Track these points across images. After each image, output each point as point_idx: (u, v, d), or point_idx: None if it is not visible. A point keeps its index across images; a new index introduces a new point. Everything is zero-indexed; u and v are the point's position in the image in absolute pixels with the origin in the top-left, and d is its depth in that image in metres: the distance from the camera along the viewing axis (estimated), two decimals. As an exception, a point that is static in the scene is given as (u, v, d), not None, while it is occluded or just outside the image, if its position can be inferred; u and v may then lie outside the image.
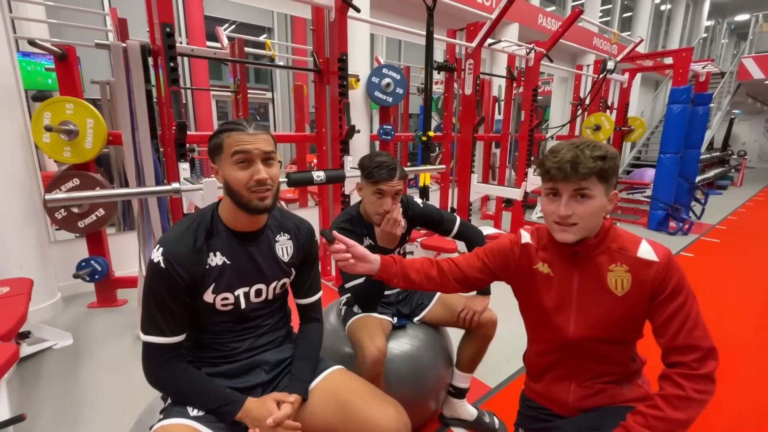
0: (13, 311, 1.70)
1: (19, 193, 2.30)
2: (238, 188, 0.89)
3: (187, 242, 0.89)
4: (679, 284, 0.82)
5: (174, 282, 0.87)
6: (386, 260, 0.99)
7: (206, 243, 0.92)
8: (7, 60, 2.23)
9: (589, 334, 0.89)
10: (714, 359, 0.78)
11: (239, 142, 0.88)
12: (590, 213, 0.82)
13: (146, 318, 0.88)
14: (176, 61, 1.95)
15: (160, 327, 0.88)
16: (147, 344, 0.89)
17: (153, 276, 0.87)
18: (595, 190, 0.81)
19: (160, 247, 0.88)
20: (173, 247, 0.88)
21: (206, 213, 0.96)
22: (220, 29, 4.48)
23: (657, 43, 11.68)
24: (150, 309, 0.87)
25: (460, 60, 3.65)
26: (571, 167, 0.80)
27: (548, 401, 1.02)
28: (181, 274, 0.87)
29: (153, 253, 0.88)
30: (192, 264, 0.89)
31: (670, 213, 4.91)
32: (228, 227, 0.95)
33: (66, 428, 1.59)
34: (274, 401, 0.91)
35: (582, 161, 0.79)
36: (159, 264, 0.86)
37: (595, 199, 0.82)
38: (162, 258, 0.86)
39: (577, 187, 0.81)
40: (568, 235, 0.84)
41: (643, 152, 8.75)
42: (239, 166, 0.89)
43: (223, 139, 0.89)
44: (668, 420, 0.74)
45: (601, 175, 0.81)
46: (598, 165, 0.79)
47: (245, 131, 0.89)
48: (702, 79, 5.34)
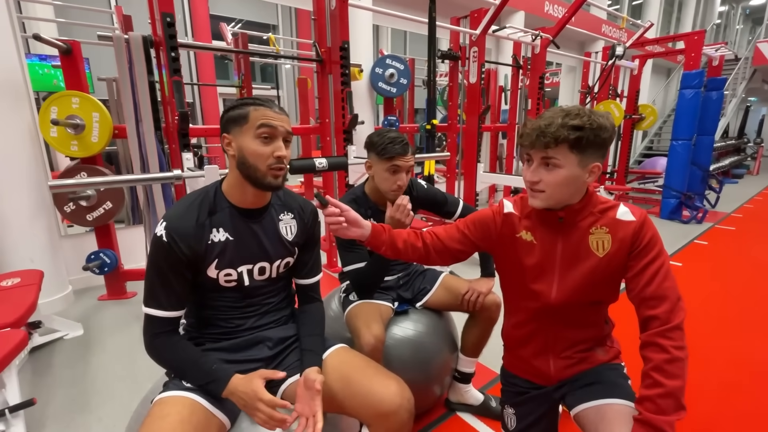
0: (23, 300, 1.73)
1: (29, 187, 2.33)
2: (255, 161, 0.89)
3: (190, 217, 0.90)
4: (653, 239, 0.85)
5: (176, 256, 0.87)
6: (376, 228, 0.99)
7: (209, 219, 0.92)
8: (14, 58, 2.26)
9: (570, 297, 0.91)
10: (682, 309, 0.81)
11: (267, 116, 0.88)
12: (557, 182, 0.83)
13: (147, 290, 0.89)
14: (177, 51, 1.96)
15: (159, 300, 0.89)
16: (147, 315, 0.90)
17: (156, 250, 0.88)
18: (563, 159, 0.81)
19: (164, 222, 0.88)
20: (176, 222, 0.88)
21: (210, 189, 0.96)
22: (224, 25, 4.51)
23: (668, 30, 11.41)
24: (151, 282, 0.89)
25: (464, 48, 3.61)
26: (537, 134, 0.81)
27: (530, 374, 1.03)
28: (183, 249, 0.87)
29: (157, 228, 0.89)
30: (194, 239, 0.89)
31: (683, 201, 4.80)
32: (231, 204, 0.95)
33: (76, 413, 1.61)
34: (261, 378, 0.88)
35: (550, 130, 0.79)
36: (162, 238, 0.87)
37: (562, 169, 0.82)
38: (165, 232, 0.87)
39: (544, 155, 0.82)
40: (536, 201, 0.87)
41: (655, 141, 8.57)
42: (263, 140, 0.89)
43: (250, 111, 0.89)
44: (672, 393, 0.75)
45: (574, 145, 0.79)
46: (566, 134, 0.78)
47: (272, 108, 0.90)
48: (715, 63, 5.19)
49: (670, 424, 0.73)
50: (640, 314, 0.83)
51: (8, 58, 2.22)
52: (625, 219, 0.86)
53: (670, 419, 0.73)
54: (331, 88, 2.76)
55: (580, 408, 0.91)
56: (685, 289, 2.81)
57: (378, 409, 0.90)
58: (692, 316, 2.39)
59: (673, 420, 0.73)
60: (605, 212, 0.88)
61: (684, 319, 0.79)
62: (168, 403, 0.84)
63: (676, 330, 0.78)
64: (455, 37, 3.91)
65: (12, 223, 2.29)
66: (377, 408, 0.90)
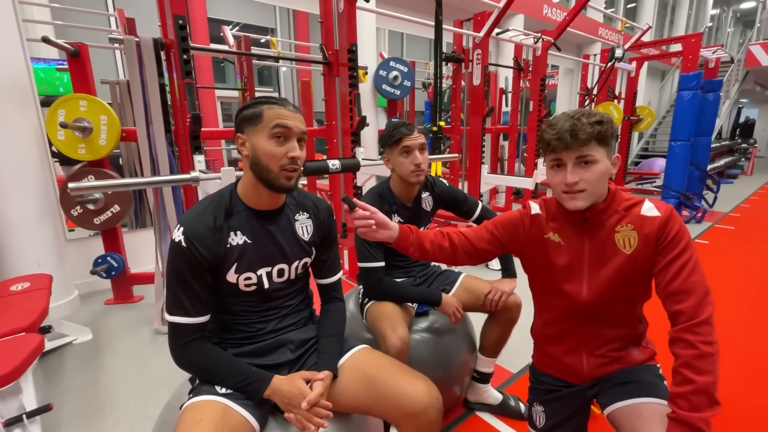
0: (36, 304, 1.71)
1: (35, 190, 2.31)
2: (268, 162, 0.87)
3: (207, 221, 0.88)
4: (679, 233, 0.84)
5: (195, 261, 0.86)
6: (404, 229, 1.00)
7: (226, 222, 0.91)
8: (21, 61, 2.25)
9: (602, 296, 0.91)
10: (710, 303, 0.80)
11: (281, 116, 0.87)
12: (596, 177, 0.85)
13: (170, 298, 0.88)
14: (189, 53, 1.95)
15: (184, 307, 0.87)
16: (172, 324, 0.88)
17: (175, 255, 0.86)
18: (597, 154, 0.84)
19: (181, 227, 0.87)
20: (193, 227, 0.86)
21: (225, 193, 0.94)
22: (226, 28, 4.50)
23: (662, 33, 11.57)
24: (173, 289, 0.87)
25: (467, 51, 3.63)
26: (571, 135, 0.83)
27: (561, 372, 1.03)
28: (203, 253, 0.86)
29: (174, 233, 0.87)
30: (212, 243, 0.88)
31: (682, 201, 4.85)
32: (247, 206, 0.93)
33: (90, 418, 1.59)
34: (302, 379, 0.89)
35: (580, 128, 0.82)
36: (180, 243, 0.85)
37: (599, 164, 0.85)
38: (183, 237, 0.85)
39: (580, 155, 0.84)
40: (579, 202, 0.86)
41: (651, 143, 8.67)
42: (276, 140, 0.87)
43: (264, 110, 0.87)
44: (703, 389, 0.74)
45: (601, 139, 0.84)
46: (596, 129, 0.82)
47: (286, 107, 0.89)
48: (711, 65, 5.27)
49: (705, 420, 0.72)
50: (668, 309, 0.83)
51: (15, 61, 2.21)
52: (650, 215, 0.86)
53: (704, 416, 0.73)
54: (338, 91, 2.76)
55: (615, 407, 0.91)
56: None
57: (407, 409, 0.90)
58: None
59: (707, 416, 0.73)
60: (630, 209, 0.89)
61: (712, 314, 0.78)
62: (200, 408, 0.83)
63: (705, 325, 0.77)
64: (458, 40, 3.94)
65: (19, 227, 2.27)
66: (406, 408, 0.90)
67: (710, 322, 0.78)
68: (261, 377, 0.88)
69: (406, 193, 1.42)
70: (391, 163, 1.39)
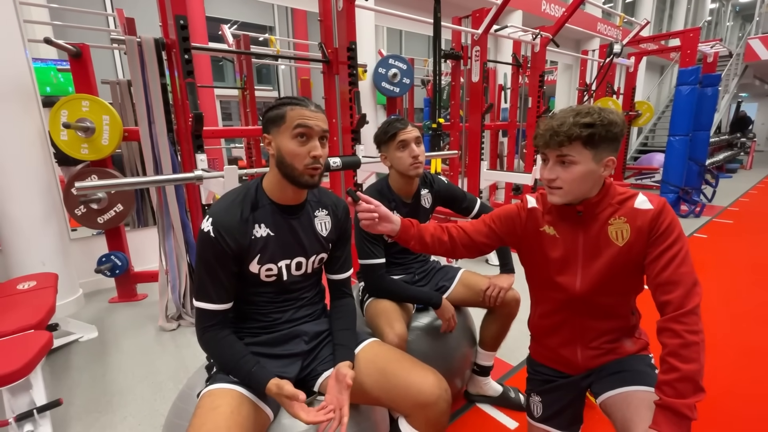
0: (43, 302, 1.74)
1: (39, 190, 2.33)
2: (292, 161, 0.92)
3: (234, 213, 0.93)
4: (671, 226, 0.86)
5: (222, 250, 0.90)
6: (405, 223, 1.03)
7: (252, 215, 0.95)
8: (23, 62, 2.26)
9: (595, 287, 0.93)
10: (698, 294, 0.81)
11: (303, 116, 0.91)
12: (573, 178, 0.86)
13: (197, 284, 0.93)
14: (191, 53, 1.97)
15: (209, 294, 0.92)
16: (198, 309, 0.94)
17: (203, 245, 0.91)
18: (578, 156, 0.85)
19: (210, 218, 0.92)
20: (222, 217, 0.91)
21: (251, 186, 0.99)
22: (225, 27, 4.51)
23: (661, 28, 11.55)
24: (200, 276, 0.92)
25: (466, 48, 3.65)
26: (550, 135, 0.85)
27: (557, 363, 1.06)
28: (229, 243, 0.91)
29: (203, 224, 0.92)
30: (239, 234, 0.92)
31: (681, 196, 4.88)
32: (272, 200, 0.98)
33: (99, 413, 1.63)
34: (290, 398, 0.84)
35: (563, 129, 0.83)
36: (209, 233, 0.90)
37: (578, 165, 0.85)
38: (212, 228, 0.90)
39: (559, 153, 0.86)
40: (555, 198, 0.90)
41: (650, 138, 8.69)
42: (299, 140, 0.91)
43: (286, 111, 0.92)
44: (688, 377, 0.76)
45: (587, 142, 0.84)
46: (579, 132, 0.82)
47: (308, 107, 0.93)
48: (710, 59, 5.29)
49: (689, 406, 0.75)
50: (656, 300, 0.85)
51: (17, 62, 2.23)
52: (643, 207, 0.88)
53: (689, 402, 0.75)
54: (337, 89, 2.78)
55: (607, 396, 0.94)
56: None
57: (417, 400, 0.92)
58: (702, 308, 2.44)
59: (692, 402, 0.75)
60: (624, 202, 0.90)
61: (699, 304, 0.80)
62: (217, 395, 0.87)
63: (691, 314, 0.79)
64: (457, 37, 3.95)
65: (24, 227, 2.29)
66: (416, 399, 0.92)
67: (696, 312, 0.80)
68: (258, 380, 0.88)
69: (405, 189, 1.44)
70: (388, 160, 1.41)
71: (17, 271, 2.28)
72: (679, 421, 0.75)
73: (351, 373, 0.93)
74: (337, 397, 0.91)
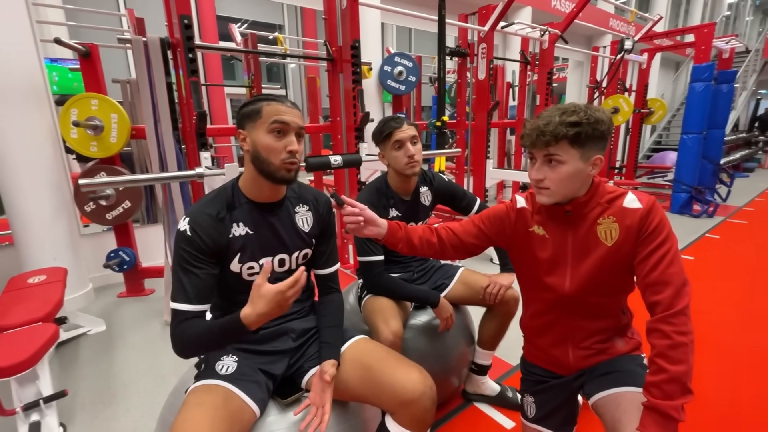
0: (51, 296, 1.79)
1: (50, 187, 2.40)
2: (269, 156, 0.91)
3: (211, 213, 0.93)
4: (660, 225, 0.85)
5: (199, 249, 0.90)
6: (392, 225, 1.02)
7: (229, 214, 0.95)
8: (35, 62, 2.32)
9: (584, 287, 0.92)
10: (687, 295, 0.80)
11: (279, 112, 0.91)
12: (560, 178, 0.85)
13: (175, 285, 0.91)
14: (195, 52, 2.00)
15: (186, 294, 0.89)
16: (173, 311, 0.90)
17: (180, 244, 0.91)
18: (565, 155, 0.84)
19: (186, 218, 0.92)
20: (198, 217, 0.91)
21: (227, 187, 0.99)
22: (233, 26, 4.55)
23: (677, 24, 11.27)
24: (178, 276, 0.91)
25: (472, 45, 3.62)
26: (537, 134, 0.83)
27: (549, 363, 1.05)
28: (206, 242, 0.90)
29: (180, 223, 0.92)
30: (216, 233, 0.92)
31: (693, 195, 4.77)
32: (249, 199, 0.98)
33: (103, 404, 1.67)
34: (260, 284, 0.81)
35: (549, 129, 0.82)
36: (186, 232, 0.90)
37: (566, 165, 0.84)
38: (188, 227, 0.90)
39: (546, 153, 0.84)
40: (543, 198, 0.89)
41: (664, 136, 8.50)
42: (275, 135, 0.91)
43: (262, 107, 0.92)
44: (676, 378, 0.75)
45: (574, 141, 0.82)
46: (565, 131, 0.81)
47: (284, 103, 0.93)
48: (726, 56, 5.15)
49: (676, 408, 0.74)
50: (645, 300, 0.84)
51: (30, 62, 2.28)
52: (632, 206, 0.87)
53: (675, 404, 0.74)
54: (342, 87, 2.79)
55: (598, 396, 0.93)
56: (696, 283, 2.81)
57: (402, 398, 0.92)
58: (705, 308, 2.39)
59: (679, 404, 0.74)
60: (613, 201, 0.89)
61: (689, 304, 0.79)
62: (203, 391, 0.88)
63: (680, 315, 0.78)
64: (463, 34, 3.92)
65: (35, 223, 2.35)
66: (401, 396, 0.92)
67: (686, 313, 0.79)
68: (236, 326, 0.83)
69: (403, 187, 1.44)
70: (386, 159, 1.41)
71: (29, 265, 2.34)
72: (666, 423, 0.74)
73: (332, 371, 0.94)
74: (319, 395, 0.92)
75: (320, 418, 0.88)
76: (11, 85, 2.20)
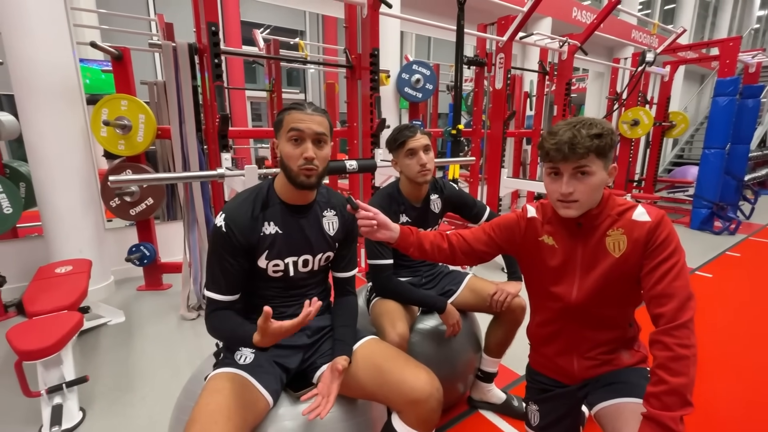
0: (77, 286, 1.89)
1: (80, 183, 2.52)
2: (288, 162, 0.98)
3: (246, 211, 1.00)
4: (668, 239, 0.86)
5: (233, 245, 0.97)
6: (404, 230, 1.06)
7: (262, 213, 1.02)
8: (71, 64, 2.45)
9: (591, 297, 0.93)
10: (691, 308, 0.81)
11: (296, 120, 0.97)
12: (591, 189, 0.87)
13: (209, 276, 1.01)
14: (220, 57, 2.09)
15: (219, 285, 0.99)
16: (208, 297, 1.01)
17: (215, 239, 0.98)
18: (594, 166, 0.86)
19: (223, 214, 0.99)
20: (233, 214, 0.98)
21: (263, 186, 1.06)
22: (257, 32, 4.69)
23: (703, 36, 11.05)
24: (212, 268, 0.99)
25: (490, 54, 3.64)
26: (569, 148, 0.84)
27: (554, 372, 1.06)
28: (239, 238, 0.98)
29: (216, 219, 0.99)
30: (249, 230, 0.99)
31: (715, 212, 4.65)
32: (281, 200, 1.04)
33: (121, 392, 1.74)
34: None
35: (579, 141, 0.83)
36: (221, 228, 0.97)
37: (594, 176, 0.86)
38: (224, 223, 0.97)
39: (576, 166, 0.86)
40: (571, 211, 0.90)
41: (687, 150, 8.31)
42: (293, 143, 0.98)
43: (284, 117, 0.99)
44: (676, 390, 0.76)
45: (599, 152, 0.85)
46: (595, 143, 0.83)
47: (304, 111, 0.98)
48: (752, 70, 5.03)
49: (674, 420, 0.74)
50: (650, 312, 0.85)
51: (66, 64, 2.42)
52: (641, 219, 0.88)
53: (674, 415, 0.75)
54: (359, 93, 2.85)
55: (600, 406, 0.94)
56: (715, 300, 2.75)
57: (409, 397, 0.95)
58: (723, 326, 2.34)
59: (677, 416, 0.75)
60: (623, 214, 0.91)
61: (692, 318, 0.80)
62: (222, 379, 0.93)
63: (682, 328, 0.79)
64: (481, 44, 3.95)
65: (65, 217, 2.47)
66: (408, 396, 0.95)
67: (689, 326, 0.79)
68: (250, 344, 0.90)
69: (414, 193, 1.47)
70: (399, 166, 1.45)
71: (57, 256, 2.46)
72: None
73: (343, 364, 0.98)
74: (327, 386, 0.96)
75: (324, 407, 0.92)
76: (49, 85, 2.33)
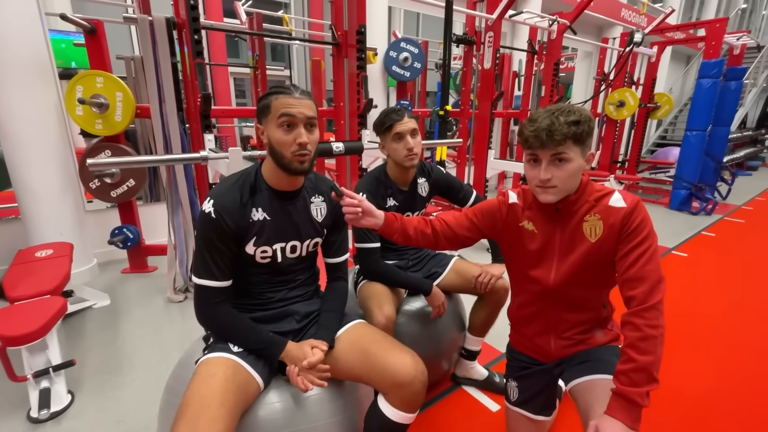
0: (59, 270, 1.85)
1: (56, 163, 2.43)
2: (281, 149, 0.96)
3: (234, 196, 0.98)
4: (641, 224, 0.89)
5: (222, 230, 0.96)
6: (389, 217, 1.07)
7: (250, 199, 1.00)
8: (40, 37, 2.32)
9: (567, 280, 0.97)
10: (661, 291, 0.84)
11: (286, 105, 0.95)
12: (568, 175, 0.89)
13: (199, 263, 0.98)
14: (200, 33, 2.01)
15: (212, 271, 0.97)
16: (199, 286, 0.99)
17: (205, 225, 0.96)
18: (571, 153, 0.88)
19: (211, 200, 0.97)
20: (222, 199, 0.97)
21: (251, 171, 1.04)
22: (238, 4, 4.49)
23: (691, 15, 11.03)
24: (202, 255, 0.97)
25: (479, 33, 3.58)
26: (547, 135, 0.86)
27: (533, 351, 1.12)
28: (229, 224, 0.96)
29: (204, 205, 0.97)
30: (238, 216, 0.98)
31: (693, 192, 4.79)
32: (269, 186, 1.03)
33: (109, 375, 1.75)
34: (309, 346, 1.01)
35: (557, 128, 0.85)
36: (210, 214, 0.95)
37: (572, 162, 0.88)
38: (213, 209, 0.95)
39: (554, 153, 0.88)
40: (549, 197, 0.92)
41: (670, 131, 8.44)
42: (284, 128, 0.95)
43: (271, 101, 0.95)
44: (643, 367, 0.81)
45: (576, 139, 0.87)
46: (572, 130, 0.85)
47: (292, 95, 0.96)
48: (736, 52, 5.08)
49: (641, 395, 0.80)
50: (623, 294, 0.89)
51: (35, 36, 2.28)
52: (617, 205, 0.91)
53: (641, 390, 0.80)
54: (346, 72, 2.79)
55: (574, 383, 1.00)
56: (688, 279, 2.87)
57: (394, 380, 0.98)
58: (692, 304, 2.45)
59: (644, 391, 0.80)
60: (600, 200, 0.94)
61: (662, 300, 0.84)
62: (214, 363, 0.94)
63: (652, 309, 0.83)
64: (470, 21, 3.88)
65: (42, 198, 2.40)
66: (394, 379, 0.98)
67: (658, 308, 0.84)
68: (278, 341, 1.00)
69: (401, 177, 1.48)
70: (386, 150, 1.44)
71: (36, 239, 2.40)
72: (631, 408, 0.80)
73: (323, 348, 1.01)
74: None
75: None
76: (16, 58, 2.20)
